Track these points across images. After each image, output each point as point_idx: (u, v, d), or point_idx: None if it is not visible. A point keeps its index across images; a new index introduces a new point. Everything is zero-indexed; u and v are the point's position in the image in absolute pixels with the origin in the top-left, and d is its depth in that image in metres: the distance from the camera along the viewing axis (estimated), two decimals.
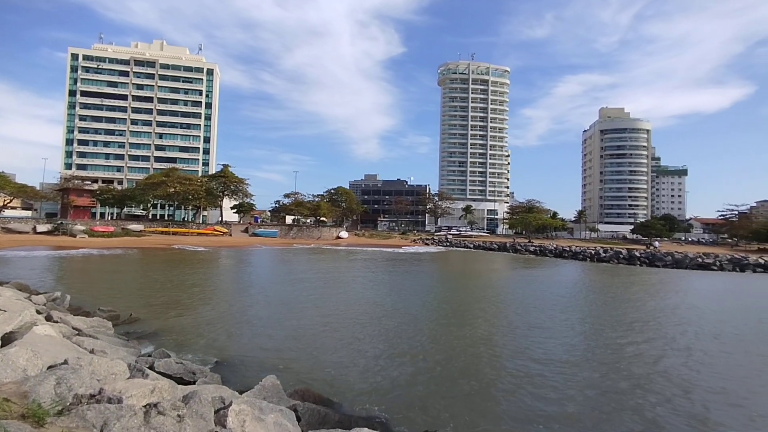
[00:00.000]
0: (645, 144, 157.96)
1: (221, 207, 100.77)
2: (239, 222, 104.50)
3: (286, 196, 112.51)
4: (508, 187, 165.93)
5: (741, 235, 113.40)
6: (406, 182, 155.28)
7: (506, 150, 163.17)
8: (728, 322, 22.01)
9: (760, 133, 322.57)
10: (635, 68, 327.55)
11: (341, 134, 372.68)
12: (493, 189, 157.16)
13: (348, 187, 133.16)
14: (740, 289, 38.89)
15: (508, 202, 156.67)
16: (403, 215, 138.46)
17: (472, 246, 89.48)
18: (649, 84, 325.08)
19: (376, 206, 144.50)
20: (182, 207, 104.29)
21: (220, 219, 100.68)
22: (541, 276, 44.32)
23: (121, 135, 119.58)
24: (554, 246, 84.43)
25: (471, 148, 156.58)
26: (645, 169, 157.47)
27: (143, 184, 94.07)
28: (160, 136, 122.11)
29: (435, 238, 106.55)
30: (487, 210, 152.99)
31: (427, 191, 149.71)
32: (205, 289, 27.44)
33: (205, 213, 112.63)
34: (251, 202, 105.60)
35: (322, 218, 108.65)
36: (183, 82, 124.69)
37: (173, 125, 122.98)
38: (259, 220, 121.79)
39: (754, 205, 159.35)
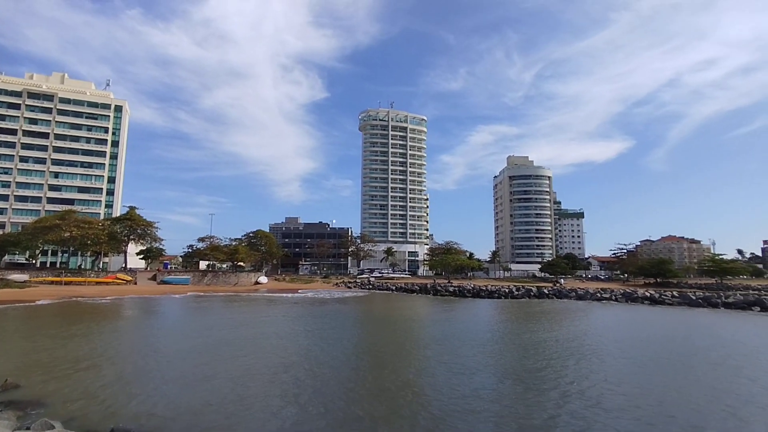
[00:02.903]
0: (547, 189, 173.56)
1: (125, 253, 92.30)
2: (146, 269, 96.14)
3: (201, 240, 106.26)
4: (427, 230, 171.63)
5: (630, 271, 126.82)
6: (329, 225, 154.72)
7: (425, 194, 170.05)
8: (624, 341, 24.08)
9: (639, 180, 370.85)
10: (538, 121, 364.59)
11: (262, 176, 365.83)
12: (413, 231, 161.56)
13: (268, 231, 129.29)
14: (632, 318, 43.00)
15: (428, 244, 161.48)
16: (326, 258, 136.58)
17: (394, 288, 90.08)
18: (549, 135, 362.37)
19: (297, 249, 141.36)
20: (79, 253, 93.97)
21: (123, 266, 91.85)
22: (462, 316, 45.56)
23: (6, 173, 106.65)
24: (472, 286, 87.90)
25: (392, 191, 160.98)
26: (549, 212, 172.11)
27: (32, 227, 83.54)
28: (56, 175, 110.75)
29: (358, 281, 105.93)
30: (408, 252, 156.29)
31: (350, 234, 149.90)
32: (102, 346, 24.43)
33: (107, 260, 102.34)
34: (160, 246, 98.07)
35: (239, 263, 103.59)
36: (86, 118, 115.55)
37: (72, 164, 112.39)
38: (168, 267, 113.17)
39: (639, 243, 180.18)
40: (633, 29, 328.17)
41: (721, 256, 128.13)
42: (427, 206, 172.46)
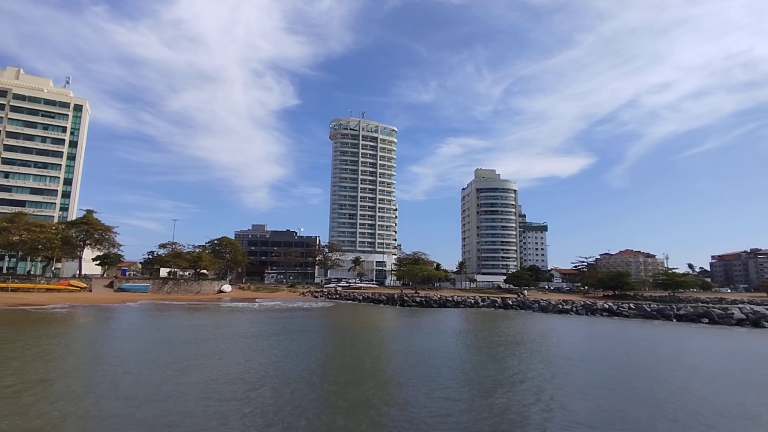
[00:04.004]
0: (513, 202, 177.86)
1: (81, 258, 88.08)
2: (103, 275, 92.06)
3: (162, 246, 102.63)
4: (396, 240, 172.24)
5: (590, 283, 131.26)
6: (296, 233, 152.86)
7: (394, 204, 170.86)
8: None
9: (600, 195, 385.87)
10: (506, 135, 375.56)
11: (229, 182, 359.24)
12: (381, 241, 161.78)
13: (233, 238, 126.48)
14: (592, 331, 44.38)
15: (396, 254, 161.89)
16: (293, 267, 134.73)
17: (361, 298, 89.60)
18: (516, 149, 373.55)
19: (263, 258, 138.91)
20: (29, 258, 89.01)
21: (77, 272, 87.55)
22: (428, 327, 45.72)
23: None
24: (439, 296, 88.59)
25: (361, 201, 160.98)
26: (514, 225, 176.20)
27: None
28: (6, 175, 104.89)
29: (324, 290, 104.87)
30: (376, 261, 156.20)
31: (318, 243, 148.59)
32: (43, 360, 23.08)
33: (59, 265, 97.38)
34: (119, 252, 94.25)
35: (202, 271, 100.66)
36: (42, 116, 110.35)
37: (25, 163, 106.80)
38: (126, 273, 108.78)
39: (598, 257, 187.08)
40: (596, 50, 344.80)
41: (673, 270, 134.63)
42: (396, 216, 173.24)
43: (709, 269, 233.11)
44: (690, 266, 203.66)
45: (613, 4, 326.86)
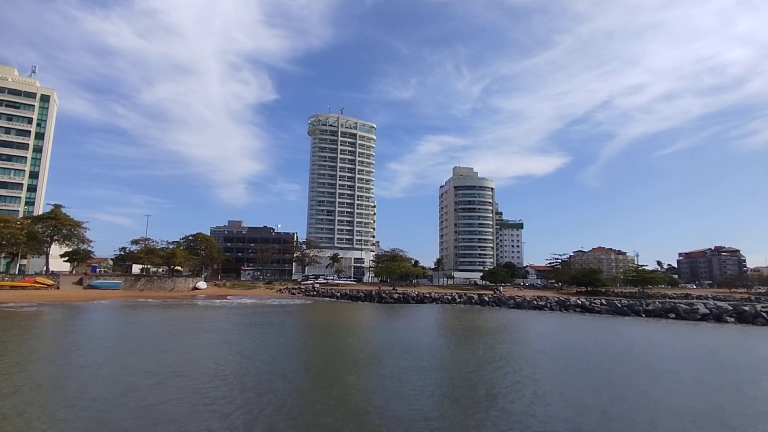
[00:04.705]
0: (490, 200, 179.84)
1: (48, 254, 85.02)
2: (71, 272, 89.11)
3: (134, 242, 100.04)
4: (374, 236, 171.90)
5: (564, 280, 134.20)
6: (273, 230, 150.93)
7: (373, 201, 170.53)
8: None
9: (574, 194, 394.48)
10: (484, 133, 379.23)
11: (204, 177, 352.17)
12: (360, 238, 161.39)
13: (209, 234, 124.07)
14: (567, 329, 45.44)
15: (374, 251, 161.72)
16: (270, 264, 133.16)
17: (339, 295, 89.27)
18: (494, 148, 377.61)
19: (240, 254, 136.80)
20: None
21: (44, 269, 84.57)
22: (406, 325, 46.00)
23: None
24: (416, 293, 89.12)
25: (339, 197, 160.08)
26: (491, 222, 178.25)
27: None
28: None
29: (302, 287, 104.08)
30: (354, 258, 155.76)
31: (295, 239, 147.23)
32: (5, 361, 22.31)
33: (25, 262, 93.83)
34: (89, 248, 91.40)
35: (177, 267, 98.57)
36: (6, 106, 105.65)
37: None
38: (97, 270, 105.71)
39: (572, 254, 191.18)
40: (573, 52, 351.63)
41: (643, 267, 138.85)
42: (375, 213, 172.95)
43: (676, 266, 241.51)
44: (659, 263, 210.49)
45: (590, 7, 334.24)
